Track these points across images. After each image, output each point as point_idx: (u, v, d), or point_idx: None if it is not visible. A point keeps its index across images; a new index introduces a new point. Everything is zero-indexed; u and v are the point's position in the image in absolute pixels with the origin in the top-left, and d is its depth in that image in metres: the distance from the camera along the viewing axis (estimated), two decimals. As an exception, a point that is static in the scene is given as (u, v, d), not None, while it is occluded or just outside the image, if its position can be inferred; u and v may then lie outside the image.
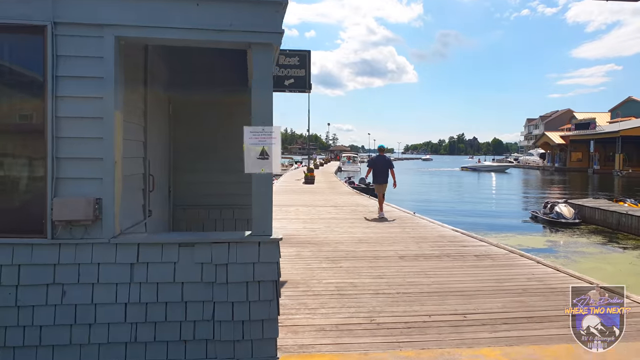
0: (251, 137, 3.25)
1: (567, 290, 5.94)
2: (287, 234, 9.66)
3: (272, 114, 3.30)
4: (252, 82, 3.30)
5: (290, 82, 7.68)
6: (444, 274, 6.69)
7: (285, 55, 7.64)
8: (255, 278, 3.23)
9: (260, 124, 3.25)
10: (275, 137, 3.27)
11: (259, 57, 3.27)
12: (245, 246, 3.25)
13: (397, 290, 5.85)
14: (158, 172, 4.71)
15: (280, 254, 3.40)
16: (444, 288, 5.97)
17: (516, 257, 7.77)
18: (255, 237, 3.27)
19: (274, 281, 3.26)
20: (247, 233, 3.32)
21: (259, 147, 3.24)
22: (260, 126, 3.25)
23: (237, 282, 3.22)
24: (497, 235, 15.94)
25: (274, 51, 3.31)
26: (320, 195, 19.43)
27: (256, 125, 3.26)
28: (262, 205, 3.28)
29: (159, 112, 4.87)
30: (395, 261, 7.42)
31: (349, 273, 6.64)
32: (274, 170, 3.29)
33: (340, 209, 14.31)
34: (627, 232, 15.60)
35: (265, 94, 3.28)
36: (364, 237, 9.49)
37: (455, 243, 8.91)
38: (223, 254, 3.21)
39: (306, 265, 7.08)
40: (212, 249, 3.21)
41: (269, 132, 3.25)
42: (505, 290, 5.94)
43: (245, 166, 3.25)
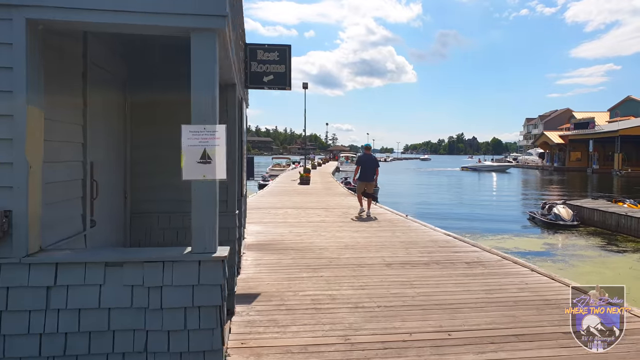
0: (190, 138, 2.78)
1: (563, 302, 5.51)
2: (270, 239, 9.21)
3: (216, 111, 2.84)
4: (192, 74, 2.83)
5: (270, 78, 7.21)
6: (430, 283, 6.22)
7: (264, 50, 7.16)
8: (195, 303, 2.77)
9: (201, 122, 2.79)
10: (220, 138, 2.80)
11: (200, 45, 2.81)
12: (183, 266, 2.78)
13: (378, 304, 5.39)
14: (107, 176, 4.24)
15: (226, 273, 2.93)
16: (430, 300, 5.51)
17: (509, 264, 7.31)
18: (195, 255, 2.80)
19: (217, 307, 2.80)
20: (187, 250, 2.85)
21: (199, 149, 2.78)
22: (201, 125, 2.79)
23: (174, 307, 2.76)
24: (494, 237, 15.51)
25: (216, 37, 2.84)
26: (313, 197, 18.96)
27: (197, 123, 2.79)
28: (204, 218, 2.81)
29: (111, 111, 4.41)
30: (380, 269, 6.96)
31: (329, 283, 6.18)
32: (218, 175, 2.82)
33: (331, 212, 13.84)
34: (626, 233, 15.15)
35: (207, 88, 2.82)
36: (351, 242, 9.02)
37: (446, 248, 8.44)
38: (157, 275, 2.75)
39: (284, 274, 6.61)
40: (144, 269, 2.75)
41: (212, 131, 2.79)
42: (495, 302, 5.47)
43: (184, 172, 2.79)
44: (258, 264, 7.19)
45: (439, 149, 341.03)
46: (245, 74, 7.10)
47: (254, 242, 8.90)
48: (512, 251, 13.25)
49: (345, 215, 12.94)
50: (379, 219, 12.23)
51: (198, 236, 2.81)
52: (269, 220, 11.70)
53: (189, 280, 2.77)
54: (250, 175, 10.31)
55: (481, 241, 14.88)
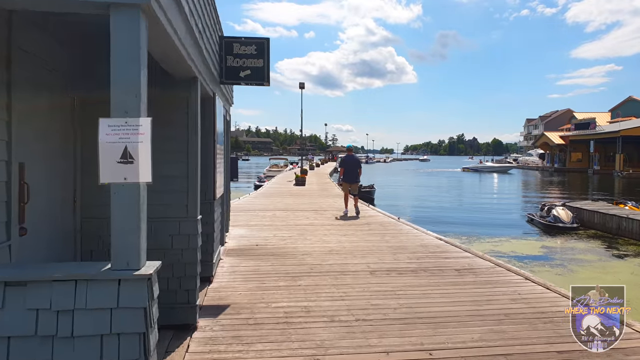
0: (109, 133, 2.34)
1: (557, 316, 5.07)
2: (253, 243, 8.77)
3: (140, 102, 2.40)
4: (111, 58, 2.38)
5: (247, 73, 6.77)
6: (416, 294, 5.77)
7: (241, 44, 6.73)
8: (114, 329, 2.32)
9: (122, 115, 2.35)
10: (144, 133, 2.36)
11: (120, 23, 2.37)
12: (99, 285, 2.34)
13: (356, 317, 4.94)
14: (48, 179, 3.80)
15: (155, 292, 2.48)
16: (413, 313, 5.06)
17: (502, 272, 6.86)
18: (114, 272, 2.36)
19: (140, 334, 2.35)
20: (106, 266, 2.41)
21: (119, 146, 2.34)
22: (122, 118, 2.35)
23: (88, 335, 2.31)
24: (490, 240, 15.06)
25: (140, 14, 2.40)
26: (306, 199, 18.51)
27: (117, 116, 2.35)
28: (126, 229, 2.37)
29: (52, 106, 3.96)
30: (364, 277, 6.51)
31: (306, 293, 5.73)
32: (142, 177, 2.38)
33: (321, 214, 13.39)
34: (627, 237, 14.69)
35: (129, 75, 2.38)
36: (337, 246, 8.58)
37: (437, 254, 7.99)
38: (68, 297, 2.30)
39: (260, 283, 6.17)
40: (52, 289, 2.30)
41: (135, 125, 2.35)
42: (484, 315, 5.03)
43: (100, 173, 2.35)
44: (234, 271, 6.75)
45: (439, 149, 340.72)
46: (220, 69, 6.66)
47: (235, 246, 8.46)
48: (509, 255, 12.81)
49: (335, 218, 12.49)
50: (369, 222, 11.79)
51: (118, 250, 2.36)
52: (256, 223, 11.25)
53: (106, 302, 2.32)
54: (234, 176, 9.89)
55: (477, 244, 14.46)
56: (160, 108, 4.45)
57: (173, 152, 4.43)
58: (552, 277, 10.53)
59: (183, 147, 4.43)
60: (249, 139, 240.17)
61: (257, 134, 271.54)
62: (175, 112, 4.43)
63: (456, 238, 15.20)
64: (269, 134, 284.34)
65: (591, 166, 61.60)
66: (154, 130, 4.09)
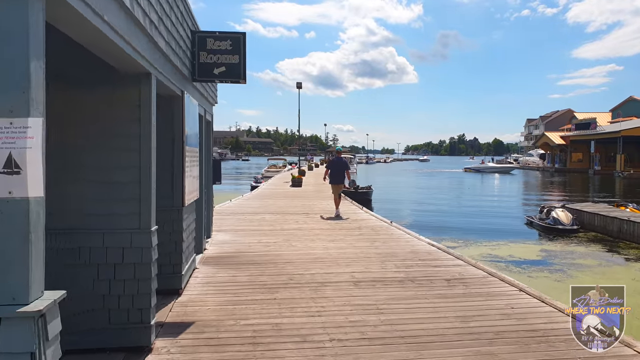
0: (-9, 138, 1.89)
1: (552, 334, 4.60)
2: (234, 250, 8.32)
3: (29, 98, 1.95)
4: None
5: (221, 70, 6.33)
6: (400, 308, 5.32)
7: (215, 39, 6.28)
8: (-9, 380, 1.88)
9: (6, 115, 1.91)
10: (34, 137, 1.92)
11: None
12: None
13: (331, 336, 4.49)
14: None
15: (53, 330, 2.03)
16: (394, 331, 4.61)
17: (495, 282, 6.40)
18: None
19: (26, 384, 1.90)
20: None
21: (2, 152, 1.89)
22: (5, 118, 1.91)
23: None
24: (488, 243, 14.60)
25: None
26: (300, 200, 18.06)
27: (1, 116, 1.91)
28: (10, 254, 1.93)
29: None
30: (346, 289, 6.06)
31: (281, 308, 5.28)
32: (32, 191, 1.94)
33: (311, 217, 12.94)
34: (629, 240, 14.23)
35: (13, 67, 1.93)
36: (323, 253, 8.13)
37: (427, 262, 7.54)
38: None
39: (233, 296, 5.72)
40: None
41: (22, 127, 1.91)
42: (472, 334, 4.57)
43: (-21, 186, 1.90)
44: (208, 282, 6.30)
45: (440, 149, 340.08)
46: (193, 66, 6.22)
47: (214, 254, 8.01)
48: (507, 260, 12.37)
49: (324, 222, 12.04)
50: (361, 226, 11.34)
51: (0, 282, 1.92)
52: (242, 228, 10.81)
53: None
54: (217, 179, 9.45)
55: (474, 248, 14.00)
56: (108, 107, 4.02)
57: (123, 156, 3.99)
58: (550, 284, 10.08)
59: (135, 150, 3.98)
60: (249, 139, 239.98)
61: (257, 134, 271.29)
62: (126, 112, 3.99)
63: (453, 242, 14.78)
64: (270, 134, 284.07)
65: (592, 166, 61.11)
66: (101, 132, 3.63)
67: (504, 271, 11.04)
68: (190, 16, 6.14)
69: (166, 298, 5.51)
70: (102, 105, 4.03)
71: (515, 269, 11.35)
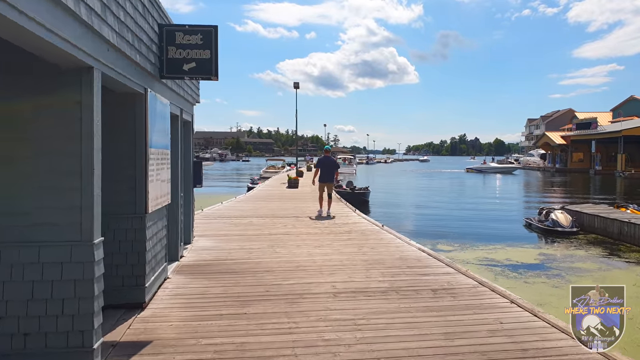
0: None
1: (544, 354, 4.14)
2: (213, 257, 7.88)
3: None
4: None
5: (191, 66, 5.90)
6: (380, 324, 4.88)
7: (184, 33, 5.86)
8: None
9: None
10: None
11: None
12: None
13: (299, 357, 4.06)
14: None
15: None
16: (370, 352, 4.18)
17: (485, 293, 5.96)
18: None
19: None
20: None
21: None
22: None
23: None
24: (484, 247, 14.17)
25: None
26: (293, 203, 17.62)
27: None
28: None
29: None
30: (324, 301, 5.63)
31: (249, 325, 4.85)
32: None
33: (301, 221, 12.52)
34: (630, 242, 13.80)
35: None
36: (306, 261, 7.70)
37: (415, 269, 7.11)
38: None
39: (200, 310, 5.29)
40: None
41: None
42: (455, 354, 4.14)
43: None
44: (177, 294, 5.87)
45: (441, 149, 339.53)
46: (160, 61, 5.80)
47: (191, 261, 7.58)
48: (503, 264, 11.94)
49: (314, 226, 11.61)
50: (351, 230, 10.91)
51: None
52: (226, 233, 10.37)
53: None
54: (198, 182, 9.03)
55: (470, 252, 13.56)
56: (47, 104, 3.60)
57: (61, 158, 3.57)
58: (547, 290, 9.65)
59: (75, 152, 3.56)
60: (250, 140, 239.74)
61: (258, 135, 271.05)
62: (65, 111, 3.56)
63: (449, 245, 14.35)
64: (271, 134, 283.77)
65: (593, 166, 60.69)
66: (38, 133, 3.18)
67: (500, 276, 10.64)
68: (157, 7, 5.73)
69: (128, 313, 5.09)
70: (40, 102, 3.61)
71: (512, 274, 10.93)
